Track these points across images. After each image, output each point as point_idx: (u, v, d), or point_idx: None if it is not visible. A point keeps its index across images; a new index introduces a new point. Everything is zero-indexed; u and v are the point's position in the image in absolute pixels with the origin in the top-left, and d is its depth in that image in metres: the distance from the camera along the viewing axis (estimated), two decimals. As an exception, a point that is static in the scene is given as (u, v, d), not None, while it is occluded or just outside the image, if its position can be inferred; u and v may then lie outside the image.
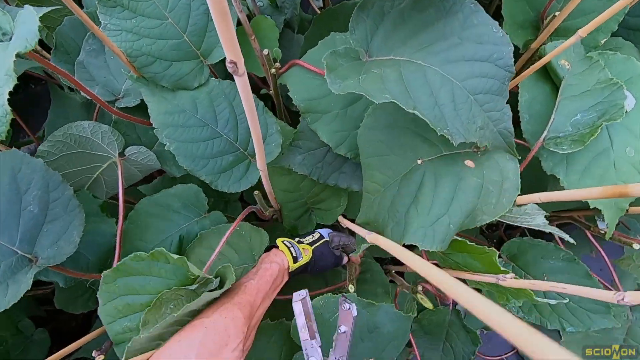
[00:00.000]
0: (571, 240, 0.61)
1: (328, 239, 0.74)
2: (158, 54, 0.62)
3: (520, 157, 0.57)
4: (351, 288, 0.68)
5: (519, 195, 0.51)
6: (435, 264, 0.63)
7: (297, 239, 0.71)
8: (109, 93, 0.78)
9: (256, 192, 0.74)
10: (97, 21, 0.59)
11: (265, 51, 0.71)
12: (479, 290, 0.59)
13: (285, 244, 0.66)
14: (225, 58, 0.26)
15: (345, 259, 0.76)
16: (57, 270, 0.63)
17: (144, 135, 0.81)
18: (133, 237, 0.72)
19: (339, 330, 0.51)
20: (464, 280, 0.68)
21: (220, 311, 0.48)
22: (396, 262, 0.96)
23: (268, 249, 0.67)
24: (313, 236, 0.74)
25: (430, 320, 1.01)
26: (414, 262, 0.31)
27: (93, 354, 0.57)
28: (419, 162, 0.52)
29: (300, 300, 0.54)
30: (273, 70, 0.74)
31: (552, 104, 0.64)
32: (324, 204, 0.82)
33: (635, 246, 0.64)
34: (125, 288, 0.54)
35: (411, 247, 0.47)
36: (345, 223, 0.77)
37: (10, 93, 0.37)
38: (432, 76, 0.45)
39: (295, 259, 0.65)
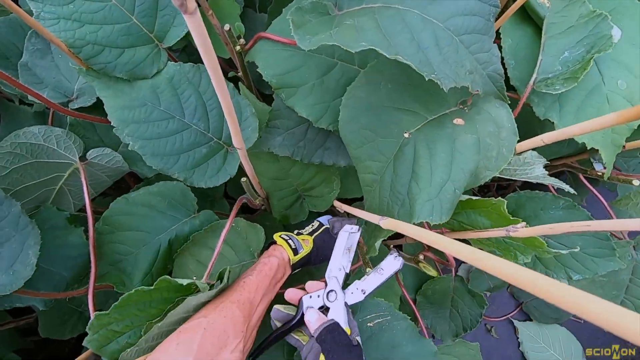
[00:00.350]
0: (571, 190, 0.58)
1: (328, 226, 0.70)
2: (105, 42, 0.55)
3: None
4: (368, 271, 0.65)
5: (519, 142, 0.47)
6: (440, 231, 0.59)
7: (296, 231, 0.68)
8: (60, 95, 0.70)
9: (243, 179, 0.69)
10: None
11: (227, 26, 0.65)
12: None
13: (282, 238, 0.62)
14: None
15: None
16: (29, 294, 0.57)
17: (107, 136, 0.74)
18: (111, 240, 0.66)
19: (379, 270, 0.54)
20: (468, 242, 0.65)
21: (218, 310, 0.45)
22: (393, 236, 0.93)
23: (267, 247, 0.64)
24: (312, 225, 0.71)
25: (435, 290, 0.99)
26: (440, 242, 0.27)
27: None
28: (406, 135, 0.48)
29: (349, 232, 0.59)
30: (238, 48, 0.68)
31: (537, 45, 0.60)
32: (315, 190, 0.78)
33: (636, 182, 0.62)
34: (122, 314, 0.49)
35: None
36: (343, 207, 0.73)
37: None
38: (411, 19, 0.41)
39: (295, 251, 0.61)
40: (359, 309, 0.60)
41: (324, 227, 0.69)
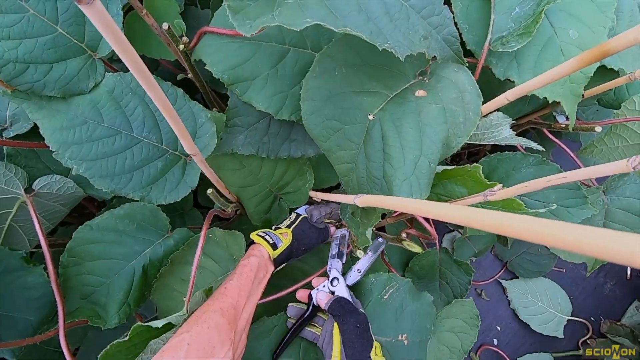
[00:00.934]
0: (539, 148, 0.58)
1: (307, 215, 0.68)
2: (29, 58, 0.49)
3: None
4: (360, 254, 0.64)
5: (483, 103, 0.46)
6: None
7: (273, 227, 0.67)
8: (-9, 124, 0.64)
9: (209, 190, 0.65)
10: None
11: (165, 25, 0.60)
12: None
13: (259, 235, 0.60)
14: None
15: (333, 229, 0.70)
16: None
17: (53, 161, 0.68)
18: (78, 272, 0.61)
19: (368, 253, 0.65)
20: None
21: (201, 322, 0.43)
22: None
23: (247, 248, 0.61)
24: (290, 218, 0.69)
25: (422, 265, 1.00)
26: (422, 209, 0.25)
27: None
28: (371, 117, 0.46)
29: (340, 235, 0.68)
30: (182, 47, 0.63)
31: (487, 5, 0.59)
32: (290, 186, 0.75)
33: (598, 129, 0.63)
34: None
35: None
36: (321, 196, 0.70)
37: None
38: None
39: (274, 246, 0.59)
40: (374, 288, 0.63)
41: (301, 217, 0.68)
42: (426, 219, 0.63)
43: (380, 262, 0.84)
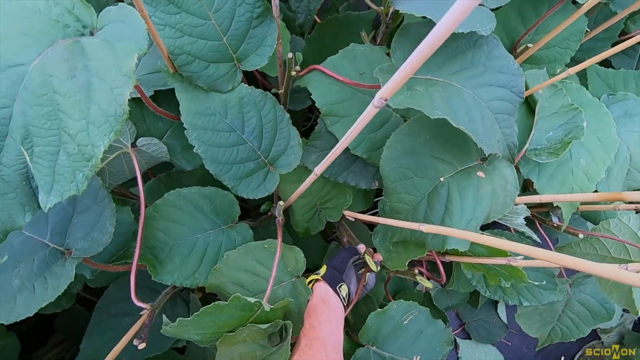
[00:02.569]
0: (537, 239, 0.76)
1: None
2: (198, 54, 0.63)
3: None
4: (362, 247, 0.79)
5: (519, 195, 0.63)
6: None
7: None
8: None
9: (281, 202, 0.78)
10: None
11: (290, 54, 0.76)
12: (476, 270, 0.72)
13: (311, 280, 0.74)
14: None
15: (361, 246, 0.82)
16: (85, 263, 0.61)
17: (154, 127, 0.80)
18: (155, 227, 0.71)
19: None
20: (458, 264, 0.80)
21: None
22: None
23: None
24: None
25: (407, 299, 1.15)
26: (485, 240, 0.40)
27: (135, 342, 0.58)
28: (442, 179, 0.62)
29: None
30: (293, 73, 0.78)
31: (528, 122, 0.79)
32: (331, 202, 0.89)
33: (581, 236, 0.82)
34: (197, 324, 0.58)
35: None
36: (356, 216, 0.85)
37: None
38: (466, 97, 0.55)
39: (317, 274, 0.75)
40: (396, 314, 0.77)
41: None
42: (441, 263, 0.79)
43: (380, 288, 0.99)
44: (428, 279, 0.85)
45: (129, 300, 0.91)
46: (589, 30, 0.91)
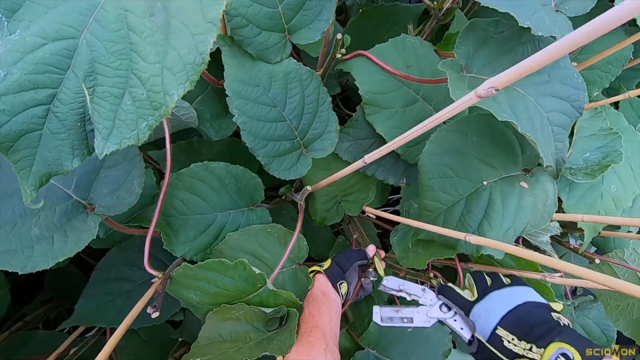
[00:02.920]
0: (556, 257, 0.76)
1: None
2: (252, 19, 0.60)
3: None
4: (372, 249, 0.78)
5: (557, 212, 0.62)
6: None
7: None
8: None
9: (308, 187, 0.76)
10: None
11: (339, 35, 0.73)
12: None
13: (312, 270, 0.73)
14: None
15: (371, 248, 0.80)
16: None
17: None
18: (175, 195, 0.68)
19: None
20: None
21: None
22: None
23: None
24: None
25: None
26: (537, 258, 0.39)
27: (148, 310, 0.55)
28: (485, 183, 0.60)
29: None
30: (339, 55, 0.76)
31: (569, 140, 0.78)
32: (353, 196, 0.87)
33: (597, 261, 0.82)
34: (200, 276, 0.58)
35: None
36: (376, 213, 0.83)
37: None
38: (529, 104, 0.53)
39: (321, 266, 0.73)
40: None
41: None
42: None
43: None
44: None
45: (131, 266, 0.89)
46: (632, 58, 0.90)
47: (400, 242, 0.78)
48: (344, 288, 0.71)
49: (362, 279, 0.77)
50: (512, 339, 0.46)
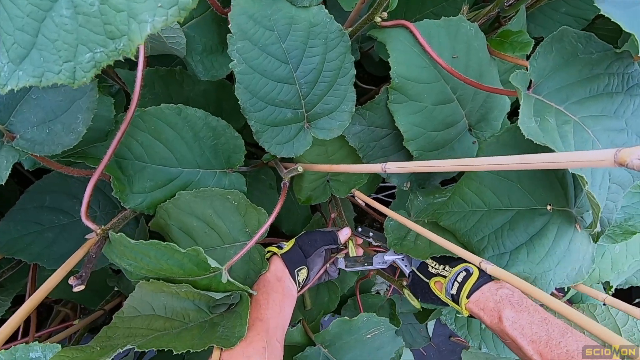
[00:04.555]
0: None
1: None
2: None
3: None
4: (346, 232, 0.69)
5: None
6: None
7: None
8: None
9: (300, 167, 0.65)
10: None
11: (387, -6, 0.58)
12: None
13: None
14: None
15: (346, 230, 0.70)
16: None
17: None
18: (135, 135, 0.54)
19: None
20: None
21: None
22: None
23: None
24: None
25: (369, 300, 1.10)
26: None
27: (70, 281, 0.44)
28: (549, 207, 0.51)
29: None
30: (378, 19, 0.61)
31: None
32: (344, 175, 0.76)
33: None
34: (141, 250, 0.47)
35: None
36: (366, 200, 0.71)
37: None
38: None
39: (280, 247, 0.65)
40: (362, 326, 0.68)
41: None
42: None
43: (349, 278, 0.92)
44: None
45: (73, 197, 0.74)
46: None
47: (395, 229, 0.68)
48: (302, 275, 0.63)
49: (328, 266, 0.69)
50: (435, 265, 0.58)
